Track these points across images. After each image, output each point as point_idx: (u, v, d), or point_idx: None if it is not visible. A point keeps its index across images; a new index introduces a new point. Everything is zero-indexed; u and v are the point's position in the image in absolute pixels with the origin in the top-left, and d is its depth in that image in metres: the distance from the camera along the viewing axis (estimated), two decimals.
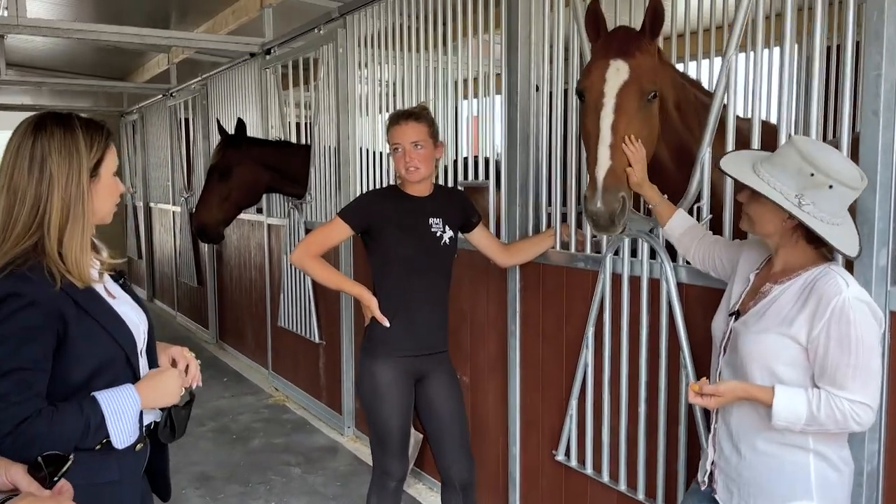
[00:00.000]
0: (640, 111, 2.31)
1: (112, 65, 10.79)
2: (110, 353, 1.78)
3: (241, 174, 5.12)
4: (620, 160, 2.27)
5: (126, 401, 1.73)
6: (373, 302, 2.87)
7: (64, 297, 1.68)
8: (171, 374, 1.86)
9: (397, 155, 2.86)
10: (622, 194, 2.25)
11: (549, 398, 3.24)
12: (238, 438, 5.05)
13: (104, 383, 1.76)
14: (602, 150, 2.27)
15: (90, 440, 1.66)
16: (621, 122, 2.28)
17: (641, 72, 2.32)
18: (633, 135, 2.28)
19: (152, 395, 1.80)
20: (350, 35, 4.66)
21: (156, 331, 2.00)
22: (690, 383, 1.81)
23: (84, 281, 1.73)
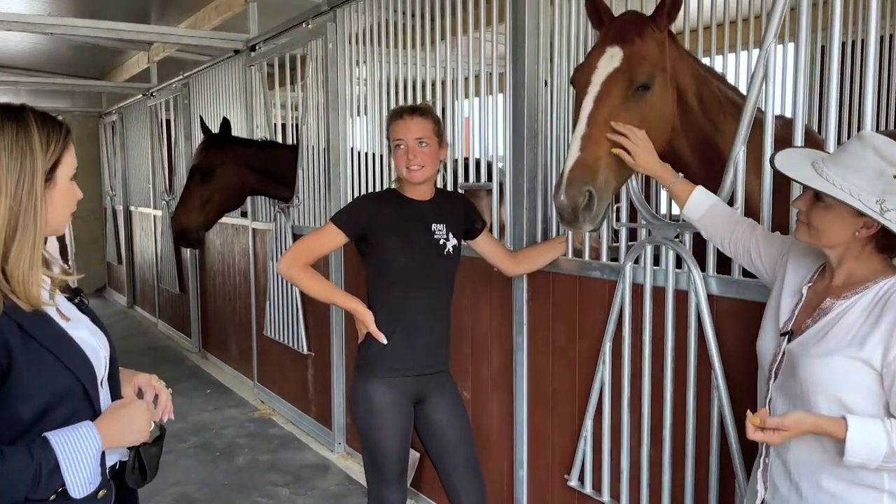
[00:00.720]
0: (628, 101, 2.12)
1: (90, 64, 10.45)
2: (64, 386, 1.50)
3: (225, 176, 4.84)
4: (592, 152, 2.08)
5: (84, 441, 1.46)
6: (368, 316, 2.62)
7: (7, 322, 1.41)
8: (137, 407, 1.59)
9: (399, 152, 2.61)
10: (588, 188, 2.07)
11: (559, 417, 3.00)
12: (222, 455, 4.76)
13: (59, 421, 1.49)
14: (574, 140, 2.11)
15: (42, 490, 1.40)
16: (600, 112, 2.10)
17: (635, 59, 2.12)
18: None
19: (116, 432, 1.54)
20: (340, 30, 4.40)
21: (137, 338, 1.75)
22: (749, 416, 1.56)
23: (32, 303, 1.46)
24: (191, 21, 7.13)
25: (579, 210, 2.08)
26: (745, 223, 1.99)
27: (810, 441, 1.62)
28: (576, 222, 2.11)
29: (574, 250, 2.87)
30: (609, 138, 2.08)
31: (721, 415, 2.31)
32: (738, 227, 1.98)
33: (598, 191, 2.08)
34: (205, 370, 6.90)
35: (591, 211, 2.09)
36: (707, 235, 2.07)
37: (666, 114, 2.21)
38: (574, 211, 2.07)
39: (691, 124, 2.35)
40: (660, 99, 2.17)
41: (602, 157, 2.08)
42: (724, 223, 2.01)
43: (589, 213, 2.09)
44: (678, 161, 2.42)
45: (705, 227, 2.05)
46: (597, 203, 2.09)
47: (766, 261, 1.90)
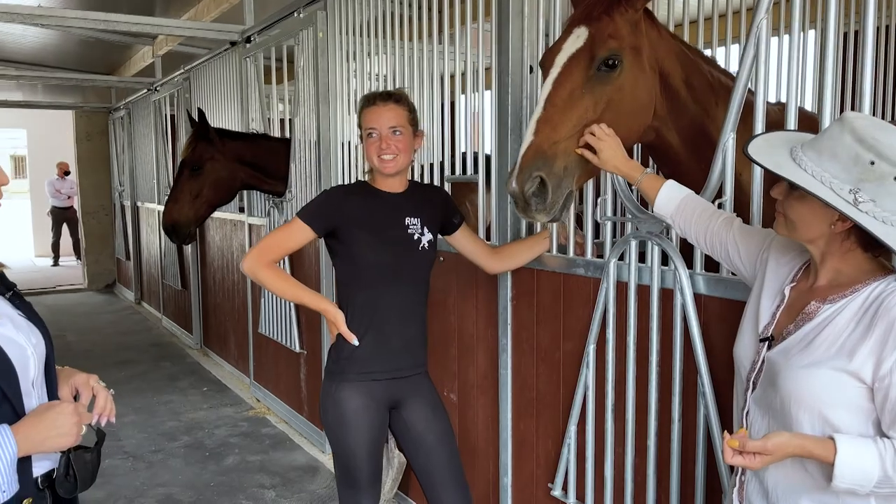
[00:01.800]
0: (590, 81, 1.96)
1: (99, 59, 10.42)
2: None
3: (214, 170, 4.72)
4: (547, 136, 1.94)
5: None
6: (339, 316, 2.47)
7: None
8: (62, 410, 1.48)
9: (370, 141, 2.46)
10: (539, 174, 1.93)
11: (544, 423, 2.84)
12: (211, 455, 4.65)
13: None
14: (530, 125, 1.97)
15: None
16: (559, 94, 1.95)
17: (600, 36, 1.96)
18: (582, 109, 1.96)
19: (36, 436, 1.42)
20: (331, 18, 4.26)
21: (142, 334, 1.63)
22: (727, 438, 1.38)
23: None
24: (192, 13, 7.03)
25: (530, 197, 1.93)
26: (720, 216, 1.82)
27: (790, 462, 1.45)
28: (528, 211, 1.97)
29: (559, 246, 2.71)
30: (571, 126, 1.92)
31: (707, 423, 2.14)
32: (714, 220, 1.81)
33: (552, 178, 1.93)
34: (204, 367, 6.81)
35: (545, 200, 1.94)
36: (681, 232, 1.90)
37: (641, 98, 2.05)
38: (525, 198, 1.93)
39: (679, 111, 2.18)
40: (631, 81, 2.01)
41: (560, 141, 1.93)
42: (699, 217, 1.84)
43: (541, 202, 1.94)
44: (666, 151, 2.26)
45: (678, 223, 1.88)
46: (550, 191, 1.93)
47: (745, 257, 1.72)
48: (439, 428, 2.58)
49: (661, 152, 2.27)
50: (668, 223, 1.92)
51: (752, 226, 1.83)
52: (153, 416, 5.45)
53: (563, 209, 1.98)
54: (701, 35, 3.42)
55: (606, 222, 2.51)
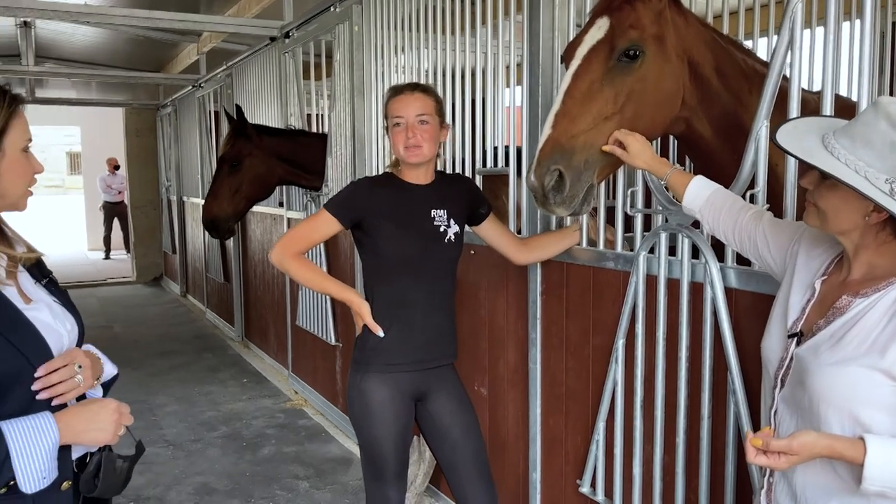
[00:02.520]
0: (610, 73, 1.92)
1: (147, 57, 10.66)
2: (12, 369, 1.42)
3: (253, 166, 4.78)
4: (565, 129, 1.90)
5: (39, 433, 1.37)
6: (364, 307, 2.47)
7: None
8: (105, 405, 1.49)
9: (397, 130, 2.45)
10: (557, 167, 1.90)
11: (573, 419, 2.80)
12: (248, 446, 4.72)
13: (14, 407, 1.41)
14: (548, 118, 1.94)
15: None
16: (578, 86, 1.91)
17: (620, 27, 1.91)
18: (602, 101, 1.91)
19: (76, 426, 1.44)
20: (367, 12, 4.27)
21: (186, 326, 1.65)
22: (750, 436, 1.33)
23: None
24: (234, 10, 7.13)
25: (549, 190, 1.90)
26: (749, 210, 1.76)
27: (820, 464, 1.39)
28: (547, 204, 1.94)
29: (589, 240, 2.67)
30: (590, 119, 1.88)
31: (738, 421, 2.07)
32: (743, 214, 1.75)
33: (570, 171, 1.89)
34: (245, 359, 6.92)
35: (562, 193, 1.91)
36: (709, 228, 1.84)
37: (666, 88, 1.99)
38: (543, 191, 1.90)
39: (710, 100, 2.12)
40: (655, 71, 1.95)
41: (578, 134, 1.89)
42: (727, 212, 1.78)
43: (559, 195, 1.91)
44: (697, 142, 2.20)
45: (706, 219, 1.82)
46: (569, 185, 1.90)
47: (774, 251, 1.66)
48: (465, 421, 2.56)
49: (691, 143, 2.21)
50: (696, 217, 1.86)
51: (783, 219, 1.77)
52: (194, 405, 5.55)
53: (583, 203, 1.95)
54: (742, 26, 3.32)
55: (636, 215, 2.46)
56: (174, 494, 4.01)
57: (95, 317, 8.91)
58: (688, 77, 2.04)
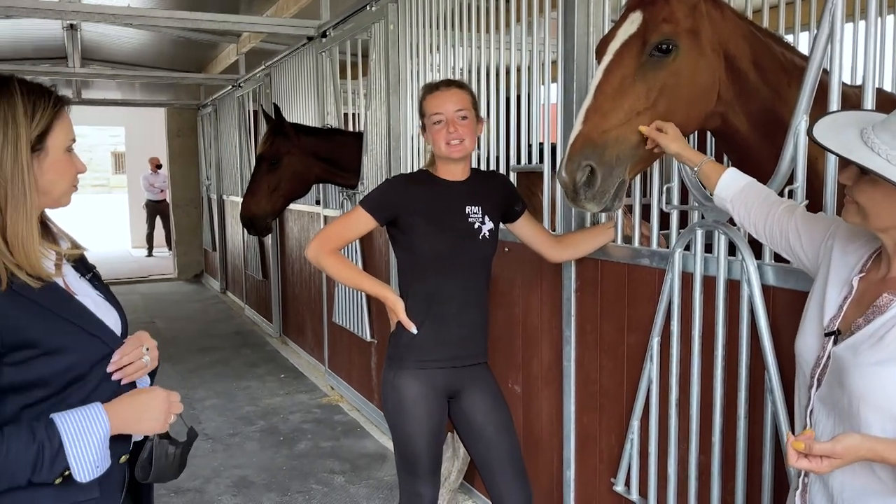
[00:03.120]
0: (642, 68, 1.90)
1: (189, 58, 10.86)
2: (88, 353, 1.48)
3: (291, 164, 4.85)
4: (596, 125, 1.89)
5: (91, 423, 1.41)
6: (398, 304, 2.49)
7: (12, 298, 1.38)
8: (154, 394, 1.53)
9: (437, 127, 2.45)
10: (588, 163, 1.89)
11: (607, 417, 2.78)
12: (285, 440, 4.79)
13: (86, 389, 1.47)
14: (579, 114, 1.93)
15: (45, 472, 1.36)
16: (609, 82, 1.90)
17: (653, 21, 1.89)
18: (634, 97, 1.90)
19: (126, 415, 1.48)
20: (402, 11, 4.29)
21: (225, 322, 1.70)
22: (791, 439, 1.29)
23: (37, 274, 1.43)
24: (273, 10, 7.23)
25: (579, 186, 1.90)
26: (782, 204, 1.72)
27: (858, 465, 1.35)
28: (577, 200, 1.94)
29: (624, 237, 2.65)
30: (622, 115, 1.87)
31: (775, 421, 2.04)
32: (775, 208, 1.72)
33: (602, 166, 1.88)
34: (283, 355, 7.02)
35: (593, 188, 1.90)
36: (740, 219, 1.81)
37: (700, 83, 1.97)
38: (574, 187, 1.90)
39: (747, 94, 2.09)
40: (688, 66, 1.93)
41: (610, 129, 1.88)
42: (760, 204, 1.75)
43: (590, 191, 1.90)
44: (734, 137, 2.17)
45: (737, 210, 1.80)
46: (600, 180, 1.89)
47: (807, 246, 1.63)
48: (499, 418, 2.56)
49: (728, 138, 2.18)
50: (727, 208, 1.83)
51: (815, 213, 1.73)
52: (232, 400, 5.65)
53: (614, 199, 1.94)
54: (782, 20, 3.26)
55: (672, 211, 2.43)
56: (213, 487, 4.09)
57: (138, 312, 9.11)
58: (724, 71, 2.01)
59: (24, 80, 1.50)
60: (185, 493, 4.01)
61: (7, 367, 1.38)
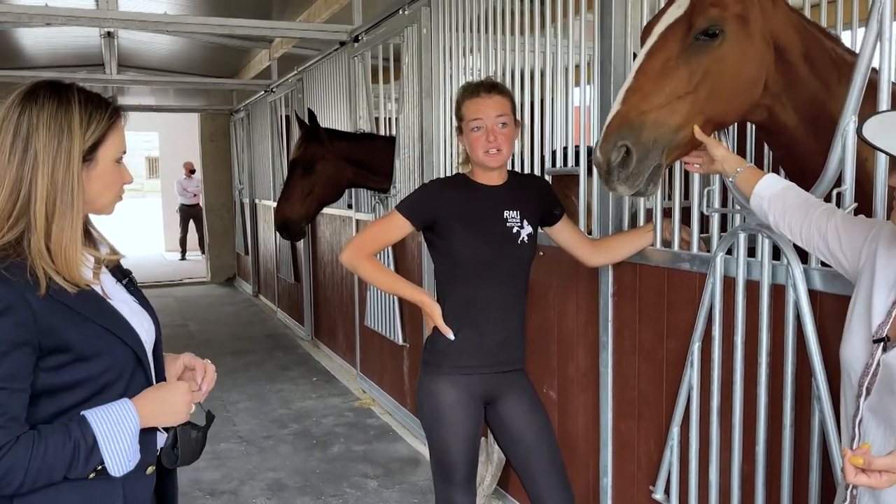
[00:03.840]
0: (686, 52, 1.86)
1: (221, 64, 11.01)
2: (123, 358, 1.51)
3: (325, 169, 4.88)
4: (635, 105, 1.85)
5: (122, 418, 1.45)
6: (435, 309, 2.48)
7: (50, 303, 1.41)
8: (176, 388, 1.57)
9: (476, 135, 2.42)
10: (624, 143, 1.85)
11: (646, 423, 2.74)
12: (318, 443, 4.81)
13: (117, 394, 1.50)
14: (619, 94, 1.89)
15: (81, 468, 1.39)
16: (651, 64, 1.86)
17: (701, 5, 1.85)
18: (676, 80, 1.86)
19: (152, 411, 1.51)
20: (435, 15, 4.29)
21: (258, 326, 1.73)
22: (847, 455, 1.24)
23: (75, 281, 1.46)
24: (305, 16, 7.28)
25: (612, 167, 1.86)
26: (821, 206, 1.68)
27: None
28: (610, 182, 1.90)
29: (663, 241, 2.61)
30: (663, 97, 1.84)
31: (823, 430, 1.99)
32: (814, 210, 1.68)
33: (638, 148, 1.84)
34: (314, 358, 7.05)
35: (627, 169, 1.86)
36: (775, 219, 1.77)
37: (746, 72, 1.92)
38: (608, 167, 1.86)
39: (797, 87, 2.02)
40: (735, 52, 1.88)
41: (649, 111, 1.84)
42: (798, 206, 1.71)
43: (624, 172, 1.87)
44: (780, 132, 2.10)
45: (774, 210, 1.76)
46: (635, 162, 1.85)
47: (847, 248, 1.58)
48: (538, 425, 2.54)
49: (773, 133, 2.11)
50: (763, 209, 1.80)
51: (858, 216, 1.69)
52: (265, 403, 5.69)
53: (648, 183, 1.89)
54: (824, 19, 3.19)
55: (713, 215, 2.39)
56: (248, 489, 4.12)
57: (172, 315, 9.23)
58: (773, 62, 1.96)
59: (83, 90, 1.52)
60: (220, 496, 4.04)
61: (42, 371, 1.41)
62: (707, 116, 1.91)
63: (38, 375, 1.40)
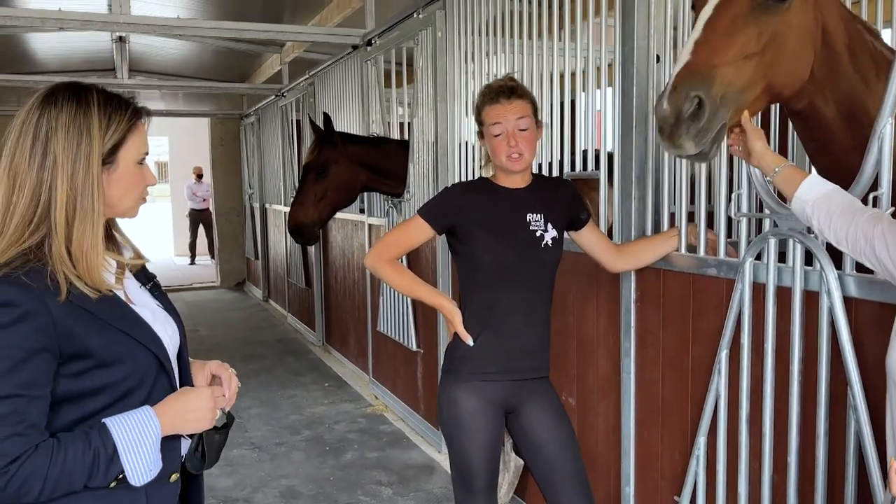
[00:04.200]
0: (755, 11, 1.78)
1: (232, 68, 11.00)
2: (145, 364, 1.48)
3: (338, 173, 4.84)
4: (706, 58, 1.75)
5: (143, 427, 1.41)
6: (456, 315, 2.43)
7: (71, 309, 1.37)
8: (199, 394, 1.53)
9: (498, 140, 2.38)
10: (697, 94, 1.72)
11: (670, 432, 2.68)
12: (331, 450, 4.76)
13: (139, 400, 1.47)
14: (686, 46, 1.78)
15: (101, 477, 1.36)
16: (721, 20, 1.77)
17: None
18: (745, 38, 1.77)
19: (175, 418, 1.48)
20: (450, 18, 4.25)
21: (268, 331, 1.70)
22: (894, 466, 1.20)
23: (97, 286, 1.42)
24: (316, 20, 7.27)
25: (683, 119, 1.73)
26: (867, 211, 1.63)
27: None
28: (677, 136, 1.75)
29: (688, 246, 2.56)
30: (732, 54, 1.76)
31: (859, 440, 1.93)
32: (860, 215, 1.62)
33: (710, 100, 1.73)
34: (326, 364, 7.01)
35: (699, 122, 1.73)
36: (819, 224, 1.70)
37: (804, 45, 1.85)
38: (677, 120, 1.73)
39: (837, 77, 1.96)
40: (799, 21, 1.82)
41: (719, 66, 1.75)
42: (843, 210, 1.65)
43: (695, 125, 1.74)
44: (818, 122, 2.02)
45: (818, 214, 1.70)
46: (707, 115, 1.73)
47: (894, 252, 1.53)
48: (562, 436, 2.48)
49: (810, 124, 2.03)
50: (806, 213, 1.74)
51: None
52: (277, 409, 5.65)
53: (713, 143, 1.79)
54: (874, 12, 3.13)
55: (741, 219, 2.34)
56: (261, 497, 4.08)
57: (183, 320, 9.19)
58: (819, 45, 1.91)
59: (103, 91, 1.49)
60: (233, 503, 4.00)
61: (63, 377, 1.38)
62: (768, 82, 1.83)
63: (59, 382, 1.37)
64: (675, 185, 2.65)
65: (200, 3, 7.77)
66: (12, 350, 1.30)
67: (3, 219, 1.41)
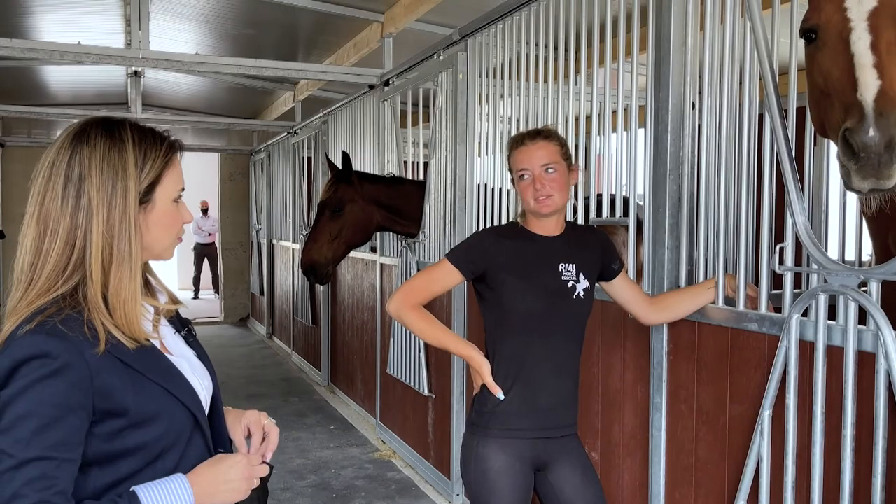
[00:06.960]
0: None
1: (243, 105, 11.06)
2: (180, 422, 1.38)
3: (353, 212, 4.78)
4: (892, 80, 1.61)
5: (175, 497, 1.30)
6: (485, 366, 2.32)
7: (108, 361, 1.27)
8: (235, 462, 1.41)
9: (524, 183, 2.32)
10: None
11: (704, 493, 2.55)
12: (338, 497, 4.60)
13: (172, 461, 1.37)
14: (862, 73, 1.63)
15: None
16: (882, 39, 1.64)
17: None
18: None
19: (207, 487, 1.36)
20: (471, 60, 4.23)
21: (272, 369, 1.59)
22: None
23: (135, 336, 1.32)
24: (332, 59, 7.29)
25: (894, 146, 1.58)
26: None
27: None
28: (884, 166, 1.60)
29: (725, 298, 2.46)
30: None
31: None
32: None
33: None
34: (331, 405, 6.86)
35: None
36: None
37: None
38: (889, 147, 1.58)
39: None
40: None
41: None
42: None
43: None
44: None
45: None
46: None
47: None
48: (591, 496, 2.36)
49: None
50: None
51: None
52: (282, 452, 5.49)
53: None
54: None
55: (786, 273, 2.25)
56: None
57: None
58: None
59: (136, 125, 1.41)
60: None
61: (95, 437, 1.27)
62: None
63: (90, 442, 1.26)
64: (711, 233, 2.57)
65: (216, 40, 7.83)
66: (44, 407, 1.20)
67: (33, 266, 1.32)
